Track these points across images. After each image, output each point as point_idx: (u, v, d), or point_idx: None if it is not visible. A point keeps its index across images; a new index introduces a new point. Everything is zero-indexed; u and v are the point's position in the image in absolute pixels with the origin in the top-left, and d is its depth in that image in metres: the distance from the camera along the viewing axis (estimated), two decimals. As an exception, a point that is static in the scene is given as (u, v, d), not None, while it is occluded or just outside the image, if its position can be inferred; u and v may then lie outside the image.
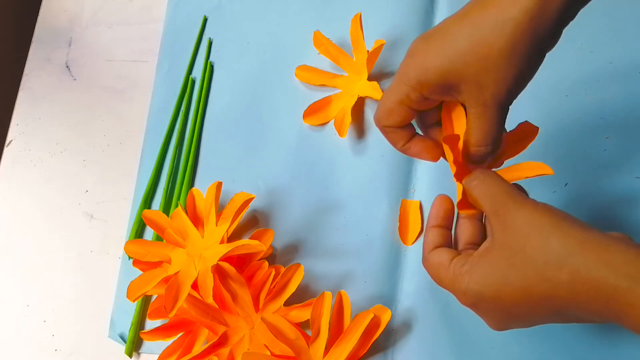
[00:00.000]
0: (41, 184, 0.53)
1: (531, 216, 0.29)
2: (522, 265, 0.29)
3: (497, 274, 0.30)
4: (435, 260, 0.34)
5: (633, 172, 0.45)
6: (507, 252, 0.30)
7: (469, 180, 0.34)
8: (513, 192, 0.31)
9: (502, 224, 0.30)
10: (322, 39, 0.51)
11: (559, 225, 0.29)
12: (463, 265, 0.31)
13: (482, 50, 0.30)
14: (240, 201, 0.44)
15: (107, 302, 0.48)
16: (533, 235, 0.29)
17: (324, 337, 0.41)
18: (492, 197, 0.32)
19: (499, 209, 0.31)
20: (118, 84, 0.56)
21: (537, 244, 0.28)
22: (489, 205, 0.32)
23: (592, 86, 0.48)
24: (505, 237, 0.30)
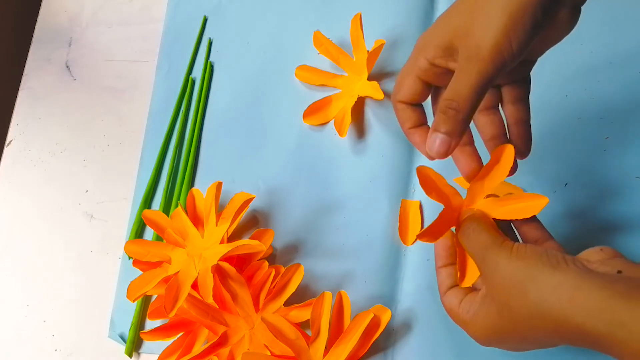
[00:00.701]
0: (41, 184, 0.53)
1: (507, 271, 0.30)
2: (510, 317, 0.30)
3: (493, 323, 0.31)
4: (447, 305, 0.35)
5: (633, 172, 0.45)
6: (496, 305, 0.31)
7: (462, 229, 0.35)
8: (490, 243, 0.32)
9: (485, 278, 0.32)
10: (322, 39, 0.51)
11: (532, 275, 0.29)
12: (467, 313, 0.33)
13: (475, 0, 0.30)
14: (240, 201, 0.44)
15: (107, 302, 0.48)
16: (512, 291, 0.29)
17: (324, 337, 0.41)
18: (474, 250, 0.33)
19: (481, 264, 0.32)
20: (118, 84, 0.56)
21: (517, 299, 0.29)
22: (474, 259, 0.33)
23: (592, 86, 0.48)
24: (491, 292, 0.31)
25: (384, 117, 0.50)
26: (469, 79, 0.30)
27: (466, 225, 0.35)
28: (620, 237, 0.44)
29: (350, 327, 0.41)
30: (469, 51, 0.30)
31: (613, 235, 0.44)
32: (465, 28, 0.31)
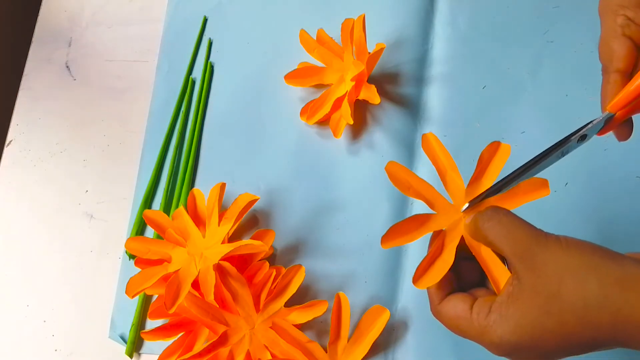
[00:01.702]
0: (41, 183, 0.53)
1: (561, 258, 0.28)
2: (559, 311, 0.27)
3: (532, 322, 0.28)
4: (452, 312, 0.31)
5: (633, 172, 0.45)
6: (540, 299, 0.28)
7: (481, 221, 0.31)
8: (535, 233, 0.29)
9: (530, 269, 0.29)
10: (308, 38, 0.51)
11: (592, 264, 0.27)
12: (489, 315, 0.29)
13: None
14: (244, 202, 0.44)
15: (107, 302, 0.48)
16: (567, 279, 0.27)
17: (345, 339, 0.42)
18: (514, 240, 0.30)
19: (524, 254, 0.29)
20: (118, 84, 0.56)
21: (572, 287, 0.27)
22: (510, 249, 0.30)
23: (592, 86, 0.48)
24: (536, 283, 0.28)
25: (384, 118, 0.50)
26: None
27: (494, 211, 0.31)
28: (621, 237, 0.44)
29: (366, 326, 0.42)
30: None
31: (613, 234, 0.44)
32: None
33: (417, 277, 0.33)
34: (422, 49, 0.52)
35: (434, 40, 0.52)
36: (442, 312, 0.32)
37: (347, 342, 0.42)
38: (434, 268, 0.33)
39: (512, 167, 0.47)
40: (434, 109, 0.50)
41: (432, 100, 0.50)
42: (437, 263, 0.33)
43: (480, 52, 0.51)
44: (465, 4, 0.53)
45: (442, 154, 0.37)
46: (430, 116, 0.50)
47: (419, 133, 0.49)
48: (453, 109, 0.49)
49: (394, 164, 0.36)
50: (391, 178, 0.35)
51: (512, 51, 0.50)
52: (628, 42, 0.32)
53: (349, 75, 0.48)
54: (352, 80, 0.48)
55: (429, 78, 0.51)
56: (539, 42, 0.50)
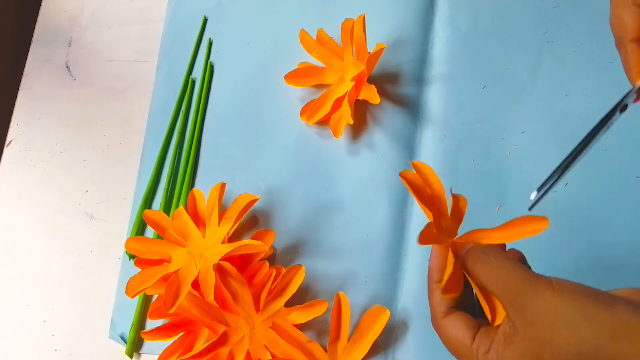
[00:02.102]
0: (41, 183, 0.53)
1: (552, 305, 0.27)
2: (552, 357, 0.27)
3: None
4: (453, 334, 0.31)
5: (633, 172, 0.45)
6: (533, 345, 0.28)
7: (472, 262, 0.31)
8: (526, 277, 0.29)
9: (522, 315, 0.28)
10: (308, 38, 0.51)
11: (584, 312, 0.27)
12: (488, 353, 0.29)
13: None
14: (244, 202, 0.44)
15: (107, 302, 0.48)
16: (559, 327, 0.27)
17: (345, 339, 0.42)
18: (504, 285, 0.29)
19: (515, 299, 0.29)
20: (118, 84, 0.56)
21: (565, 336, 0.27)
22: (500, 293, 0.29)
23: (592, 86, 0.48)
24: (528, 329, 0.28)
25: (384, 118, 0.50)
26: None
27: (483, 251, 0.31)
28: (621, 236, 0.44)
29: (366, 326, 0.42)
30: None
31: (613, 235, 0.44)
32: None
33: (446, 290, 0.32)
34: (422, 49, 0.52)
35: (434, 40, 0.52)
36: (444, 328, 0.32)
37: (347, 342, 0.42)
38: (460, 278, 0.32)
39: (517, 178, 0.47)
40: (434, 109, 0.50)
41: (432, 100, 0.50)
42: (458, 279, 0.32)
43: (480, 52, 0.51)
44: (465, 4, 0.53)
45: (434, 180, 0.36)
46: (430, 116, 0.50)
47: (419, 133, 0.49)
48: (453, 109, 0.49)
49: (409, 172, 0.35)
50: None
51: (512, 51, 0.50)
52: (639, 10, 0.32)
53: (349, 75, 0.48)
54: (352, 80, 0.48)
55: (429, 78, 0.51)
56: (539, 42, 0.50)
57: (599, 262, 0.43)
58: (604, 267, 0.43)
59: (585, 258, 0.44)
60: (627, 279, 0.43)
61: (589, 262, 0.44)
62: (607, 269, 0.43)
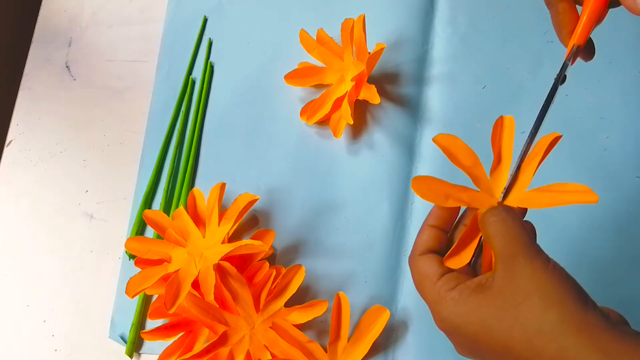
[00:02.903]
0: (41, 183, 0.53)
1: (538, 278, 0.28)
2: (511, 321, 0.28)
3: (482, 317, 0.29)
4: (423, 269, 0.32)
5: (633, 172, 0.45)
6: (500, 302, 0.28)
7: (489, 215, 0.31)
8: (528, 245, 0.29)
9: (507, 273, 0.29)
10: (308, 38, 0.51)
11: (562, 298, 0.27)
12: (450, 290, 0.30)
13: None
14: (244, 202, 0.44)
15: (107, 302, 0.48)
16: (534, 298, 0.28)
17: (345, 339, 0.42)
18: (506, 242, 0.30)
19: (508, 258, 0.29)
20: (118, 84, 0.56)
21: (534, 308, 0.27)
22: (500, 248, 0.30)
23: (592, 86, 0.48)
24: (504, 287, 0.29)
25: (384, 118, 0.50)
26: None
27: (503, 208, 0.31)
28: (621, 236, 0.44)
29: (366, 326, 0.42)
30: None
31: (613, 235, 0.44)
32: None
33: (449, 257, 0.32)
34: (422, 49, 0.52)
35: (434, 40, 0.52)
36: (416, 264, 0.32)
37: (347, 342, 0.42)
38: (466, 250, 0.33)
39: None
40: (434, 109, 0.50)
41: (432, 100, 0.50)
42: (469, 246, 0.33)
43: (480, 52, 0.51)
44: (465, 4, 0.53)
45: (508, 142, 0.36)
46: (430, 116, 0.50)
47: (419, 133, 0.49)
48: (453, 109, 0.49)
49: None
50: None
51: (512, 51, 0.50)
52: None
53: (349, 75, 0.48)
54: (352, 80, 0.48)
55: (429, 78, 0.51)
56: (539, 42, 0.50)
57: (599, 262, 0.43)
58: (603, 267, 0.43)
59: (585, 258, 0.44)
60: (627, 278, 0.43)
61: (588, 261, 0.44)
62: (606, 268, 0.43)
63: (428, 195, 0.33)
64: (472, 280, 0.30)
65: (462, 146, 0.35)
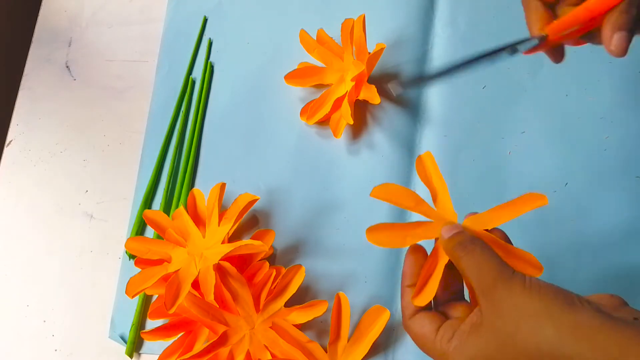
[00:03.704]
0: (41, 183, 0.53)
1: (521, 302, 0.28)
2: (513, 351, 0.28)
3: (487, 355, 0.29)
4: (419, 331, 0.33)
5: (633, 172, 0.45)
6: (497, 336, 0.29)
7: (457, 249, 0.32)
8: (502, 272, 0.30)
9: (491, 306, 0.29)
10: (308, 38, 0.51)
11: (550, 311, 0.28)
12: (450, 341, 0.31)
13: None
14: (244, 202, 0.44)
15: (107, 302, 0.48)
16: (523, 324, 0.28)
17: (345, 339, 0.42)
18: (480, 275, 0.30)
19: (487, 291, 0.30)
20: (118, 84, 0.56)
21: (528, 332, 0.28)
22: (476, 283, 0.31)
23: (592, 86, 0.48)
24: (494, 321, 0.29)
25: (384, 118, 0.50)
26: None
27: (469, 240, 0.32)
28: (621, 237, 0.44)
29: (366, 326, 0.42)
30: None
31: (613, 235, 0.44)
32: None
33: (416, 295, 0.33)
34: (422, 49, 0.52)
35: (434, 40, 0.52)
36: (411, 327, 0.33)
37: (347, 342, 0.42)
38: (429, 284, 0.34)
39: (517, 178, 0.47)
40: (434, 109, 0.50)
41: (432, 100, 0.50)
42: (432, 279, 0.34)
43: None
44: (465, 4, 0.53)
45: (435, 175, 0.37)
46: (430, 116, 0.50)
47: (419, 133, 0.49)
48: (453, 109, 0.49)
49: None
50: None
51: (512, 51, 0.50)
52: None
53: (349, 75, 0.48)
54: (352, 81, 0.48)
55: (429, 78, 0.51)
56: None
57: (599, 262, 0.43)
58: (603, 266, 0.43)
59: (585, 257, 0.44)
60: (626, 277, 0.43)
61: (588, 261, 0.44)
62: (606, 268, 0.43)
63: (385, 242, 0.35)
64: (465, 322, 0.31)
65: (399, 190, 0.37)
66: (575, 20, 0.34)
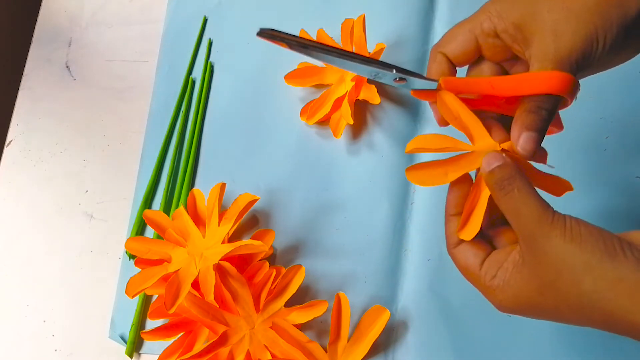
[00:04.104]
0: (41, 183, 0.53)
1: (560, 252, 0.28)
2: (554, 298, 0.28)
3: (529, 298, 0.29)
4: (463, 262, 0.33)
5: (633, 172, 0.45)
6: (538, 281, 0.29)
7: (496, 187, 0.31)
8: (542, 217, 0.29)
9: (531, 253, 0.29)
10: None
11: (588, 264, 0.27)
12: (494, 278, 0.31)
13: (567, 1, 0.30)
14: (244, 202, 0.44)
15: (107, 302, 0.48)
16: (564, 273, 0.28)
17: (345, 339, 0.42)
18: (520, 220, 0.30)
19: (527, 237, 0.29)
20: (118, 84, 0.56)
21: (568, 282, 0.28)
22: (516, 227, 0.30)
23: (592, 86, 0.48)
24: (535, 266, 0.29)
25: (384, 118, 0.50)
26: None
27: (507, 179, 0.31)
28: (620, 237, 0.44)
29: (366, 326, 0.42)
30: (556, 52, 0.30)
31: (613, 235, 0.44)
32: (550, 26, 0.30)
33: (461, 228, 0.33)
34: (422, 49, 0.52)
35: (434, 40, 0.52)
36: (454, 257, 0.34)
37: (347, 342, 0.42)
38: (474, 216, 0.33)
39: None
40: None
41: (432, 100, 0.50)
42: (476, 211, 0.33)
43: (480, 52, 0.51)
44: (465, 4, 0.53)
45: (463, 111, 0.35)
46: (430, 116, 0.50)
47: (419, 133, 0.49)
48: (453, 109, 0.49)
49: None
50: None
51: (512, 51, 0.50)
52: (474, 44, 0.34)
53: (349, 75, 0.48)
54: (352, 81, 0.48)
55: (429, 78, 0.51)
56: (539, 42, 0.50)
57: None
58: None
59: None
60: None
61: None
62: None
63: (427, 180, 0.34)
64: (507, 260, 0.31)
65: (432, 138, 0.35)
66: (475, 87, 0.33)
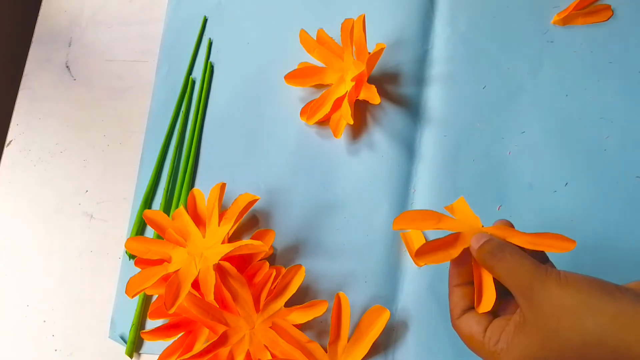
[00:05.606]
0: (41, 183, 0.53)
1: (558, 298, 0.29)
2: (558, 347, 0.29)
3: (534, 355, 0.30)
4: (467, 331, 0.34)
5: (633, 172, 0.45)
6: (540, 334, 0.30)
7: (489, 257, 0.33)
8: (536, 271, 0.31)
9: (531, 306, 0.30)
10: (308, 38, 0.51)
11: (588, 303, 0.28)
12: (497, 343, 0.32)
13: None
14: (244, 202, 0.44)
15: (107, 302, 0.48)
16: (564, 318, 0.29)
17: (345, 339, 0.42)
18: (516, 278, 0.31)
19: (525, 291, 0.31)
20: (118, 84, 0.56)
21: (570, 326, 0.28)
22: (513, 285, 0.32)
23: (592, 86, 0.48)
24: (536, 319, 0.30)
25: (384, 118, 0.50)
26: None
27: (497, 248, 0.33)
28: (620, 237, 0.44)
29: (366, 326, 0.42)
30: None
31: (613, 235, 0.44)
32: None
33: (478, 304, 0.35)
34: (422, 49, 0.52)
35: (434, 40, 0.52)
36: (458, 329, 0.35)
37: (347, 342, 0.42)
38: (485, 287, 0.35)
39: (517, 178, 0.47)
40: (434, 109, 0.50)
41: (432, 100, 0.50)
42: (486, 285, 0.35)
43: (480, 52, 0.51)
44: (465, 4, 0.53)
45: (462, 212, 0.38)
46: (430, 116, 0.50)
47: (419, 133, 0.49)
48: (453, 109, 0.49)
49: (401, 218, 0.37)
50: (413, 228, 0.37)
51: (512, 51, 0.50)
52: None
53: (349, 76, 0.48)
54: (352, 81, 0.48)
55: (429, 78, 0.51)
56: (539, 42, 0.50)
57: (599, 261, 0.43)
58: (603, 266, 0.43)
59: (585, 257, 0.44)
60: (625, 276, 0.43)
61: (587, 261, 0.44)
62: (605, 268, 0.43)
63: (431, 260, 0.35)
64: (510, 323, 0.32)
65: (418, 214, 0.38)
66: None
